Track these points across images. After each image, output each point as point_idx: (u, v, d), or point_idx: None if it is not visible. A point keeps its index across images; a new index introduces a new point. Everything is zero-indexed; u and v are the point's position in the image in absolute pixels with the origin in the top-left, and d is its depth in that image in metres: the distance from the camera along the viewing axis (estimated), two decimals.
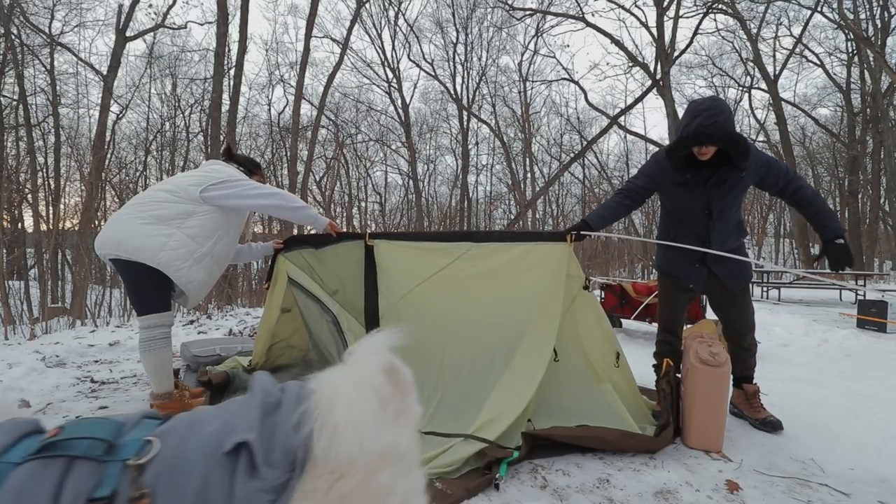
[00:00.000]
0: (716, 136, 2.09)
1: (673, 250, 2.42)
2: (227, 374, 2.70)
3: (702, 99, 2.21)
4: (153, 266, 2.18)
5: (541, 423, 2.14)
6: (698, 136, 2.11)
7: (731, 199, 2.28)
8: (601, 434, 2.00)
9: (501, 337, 2.35)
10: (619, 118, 17.67)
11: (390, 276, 2.58)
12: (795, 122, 20.26)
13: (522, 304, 2.33)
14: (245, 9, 11.69)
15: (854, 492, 1.72)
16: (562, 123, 21.93)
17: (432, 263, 2.51)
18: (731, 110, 2.16)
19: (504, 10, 16.95)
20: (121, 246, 2.17)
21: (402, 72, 19.93)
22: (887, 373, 3.55)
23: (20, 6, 11.17)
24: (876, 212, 17.99)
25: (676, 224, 2.46)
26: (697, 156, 2.20)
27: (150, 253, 2.17)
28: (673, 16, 14.39)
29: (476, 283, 2.44)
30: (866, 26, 14.65)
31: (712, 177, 2.24)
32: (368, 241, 2.62)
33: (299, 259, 2.74)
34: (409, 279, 2.54)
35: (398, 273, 2.57)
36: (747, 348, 2.44)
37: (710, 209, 2.30)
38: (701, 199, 2.30)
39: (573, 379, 2.30)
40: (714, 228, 2.32)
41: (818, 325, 5.31)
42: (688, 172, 2.25)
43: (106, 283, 7.53)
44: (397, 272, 2.57)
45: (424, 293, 2.51)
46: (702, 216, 2.33)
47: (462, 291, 2.45)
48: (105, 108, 11.36)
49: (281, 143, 16.14)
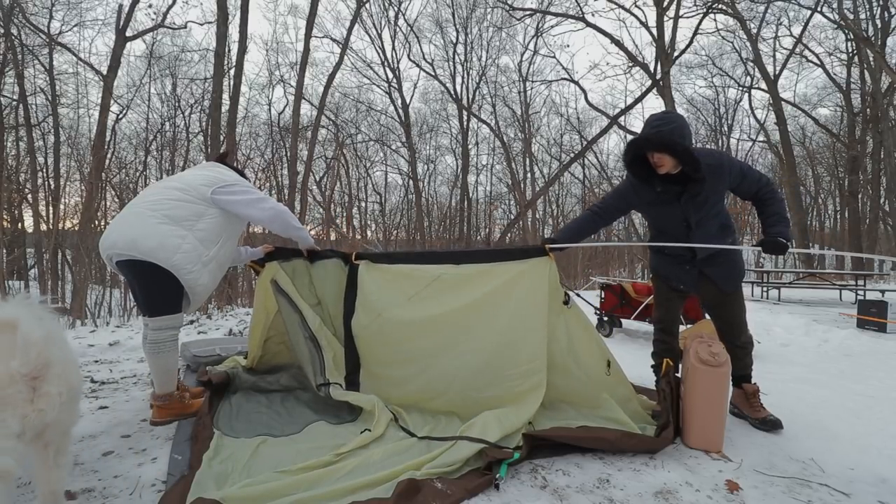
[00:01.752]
0: (653, 143, 2.17)
1: (663, 254, 2.49)
2: (226, 374, 2.71)
3: (658, 112, 2.31)
4: (167, 268, 2.14)
5: (541, 424, 2.14)
6: (639, 141, 2.23)
7: (707, 210, 2.31)
8: (602, 435, 2.00)
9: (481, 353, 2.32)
10: (619, 118, 17.68)
11: (368, 298, 2.59)
12: (795, 122, 20.27)
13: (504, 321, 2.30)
14: (245, 9, 11.69)
15: (854, 492, 1.72)
16: (562, 123, 21.95)
17: (411, 286, 2.51)
18: (686, 125, 2.21)
19: (504, 10, 16.95)
20: (135, 245, 2.10)
21: (402, 72, 19.95)
22: (887, 373, 3.55)
23: (20, 6, 11.16)
24: (876, 212, 17.97)
25: (659, 234, 2.52)
26: (656, 168, 2.24)
27: (166, 254, 2.13)
28: (673, 16, 14.39)
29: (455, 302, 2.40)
30: (866, 26, 14.64)
31: (684, 192, 2.27)
32: (354, 259, 2.68)
33: (290, 268, 2.79)
34: (387, 301, 2.54)
35: (377, 294, 2.58)
36: (742, 347, 2.45)
37: (689, 222, 2.34)
38: (677, 213, 2.34)
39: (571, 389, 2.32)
40: (695, 238, 2.35)
41: (818, 325, 5.30)
42: (658, 186, 2.30)
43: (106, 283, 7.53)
44: (376, 294, 2.58)
45: (402, 314, 2.49)
46: (682, 228, 2.37)
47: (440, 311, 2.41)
48: (105, 108, 11.36)
49: (281, 143, 16.12)
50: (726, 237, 2.40)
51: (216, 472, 1.70)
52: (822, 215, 24.79)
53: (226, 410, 2.35)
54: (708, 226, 2.34)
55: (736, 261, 2.44)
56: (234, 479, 1.68)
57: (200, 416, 2.20)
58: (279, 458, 1.87)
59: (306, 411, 2.39)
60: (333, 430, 2.18)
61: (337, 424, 2.24)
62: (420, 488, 1.60)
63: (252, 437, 2.06)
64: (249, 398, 2.52)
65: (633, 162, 2.32)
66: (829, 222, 25.10)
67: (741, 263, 2.47)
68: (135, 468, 1.80)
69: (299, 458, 1.87)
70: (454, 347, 2.35)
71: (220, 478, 1.68)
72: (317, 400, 2.51)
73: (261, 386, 2.67)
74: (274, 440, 2.05)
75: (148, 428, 2.21)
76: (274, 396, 2.58)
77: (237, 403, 2.44)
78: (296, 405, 2.47)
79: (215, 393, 2.54)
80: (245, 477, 1.70)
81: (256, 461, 1.84)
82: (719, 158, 2.27)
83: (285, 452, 1.93)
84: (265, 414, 2.34)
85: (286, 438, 2.08)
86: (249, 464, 1.81)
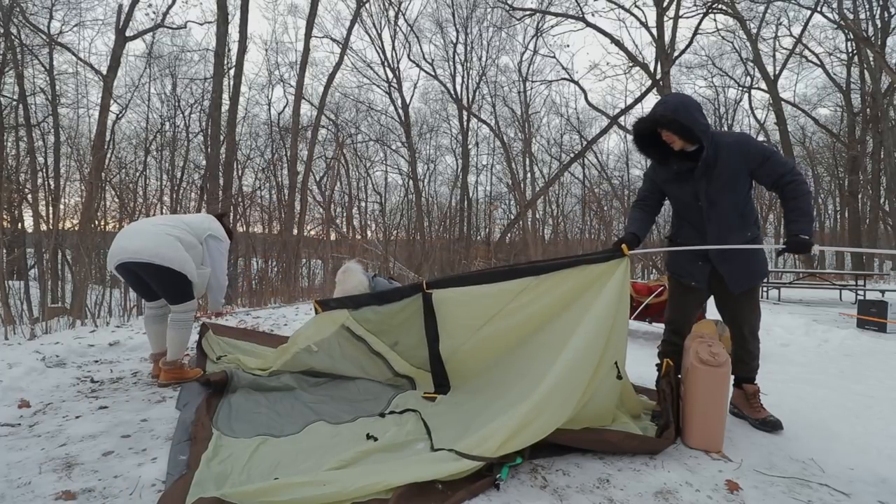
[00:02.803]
0: (648, 118, 2.26)
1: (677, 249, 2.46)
2: (225, 374, 2.71)
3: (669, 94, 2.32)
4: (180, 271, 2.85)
5: None
6: (644, 119, 2.30)
7: (719, 187, 2.26)
8: (605, 437, 2.00)
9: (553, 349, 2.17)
10: (619, 118, 17.70)
11: (450, 322, 2.62)
12: (795, 122, 20.29)
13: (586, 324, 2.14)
14: (245, 9, 11.70)
15: (854, 492, 1.72)
16: (562, 123, 21.94)
17: (493, 305, 2.49)
18: (686, 102, 2.21)
19: (504, 10, 16.98)
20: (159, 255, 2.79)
21: (402, 72, 19.94)
22: (887, 373, 3.55)
23: (20, 6, 11.16)
24: (876, 212, 17.99)
25: (679, 219, 2.50)
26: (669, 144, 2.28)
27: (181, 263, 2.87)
28: (673, 16, 14.41)
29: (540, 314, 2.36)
30: (866, 26, 14.64)
31: (698, 166, 2.26)
32: (426, 289, 2.71)
33: (360, 317, 2.90)
34: (472, 323, 2.55)
35: (459, 318, 2.60)
36: (749, 350, 2.42)
37: (700, 198, 2.32)
38: (691, 189, 2.33)
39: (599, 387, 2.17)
40: (710, 219, 2.32)
41: (818, 325, 5.30)
42: (674, 164, 2.32)
43: (106, 283, 7.51)
44: (458, 318, 2.60)
45: (488, 333, 2.49)
46: (695, 207, 2.36)
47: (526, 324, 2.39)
48: (105, 108, 11.38)
49: (281, 143, 16.12)
50: (746, 228, 2.32)
51: (215, 473, 1.70)
52: (822, 215, 24.77)
53: (225, 410, 2.35)
54: (722, 204, 2.28)
55: (749, 260, 2.33)
56: (234, 479, 1.68)
57: (199, 417, 2.19)
58: (279, 458, 1.87)
59: (306, 411, 2.39)
60: (334, 430, 2.18)
61: (336, 424, 2.24)
62: (420, 489, 1.60)
63: (251, 437, 2.05)
64: (248, 398, 2.52)
65: (646, 144, 2.35)
66: (829, 222, 25.12)
67: (756, 265, 2.36)
68: (135, 468, 1.79)
69: (300, 458, 1.86)
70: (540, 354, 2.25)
71: (220, 478, 1.67)
72: (316, 400, 2.50)
73: (261, 385, 2.67)
74: (274, 440, 2.04)
75: (148, 428, 2.21)
76: (273, 396, 2.58)
77: (236, 403, 2.44)
78: (295, 405, 2.47)
79: (214, 393, 2.54)
80: (245, 477, 1.69)
81: (256, 461, 1.83)
82: (742, 137, 2.26)
83: (285, 453, 1.92)
84: (265, 414, 2.33)
85: (286, 438, 2.07)
86: (249, 464, 1.80)
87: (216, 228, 3.20)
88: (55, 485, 1.65)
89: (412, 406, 2.42)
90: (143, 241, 2.79)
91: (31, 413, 2.38)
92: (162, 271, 2.80)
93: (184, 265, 2.85)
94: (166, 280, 2.86)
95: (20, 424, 2.22)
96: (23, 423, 2.23)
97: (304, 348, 2.92)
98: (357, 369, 2.87)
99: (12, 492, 1.60)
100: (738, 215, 2.31)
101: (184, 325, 2.96)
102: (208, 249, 3.09)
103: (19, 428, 2.18)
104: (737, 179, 2.25)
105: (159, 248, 2.78)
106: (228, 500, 1.48)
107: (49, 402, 2.55)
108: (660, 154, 2.35)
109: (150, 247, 2.77)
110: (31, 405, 2.47)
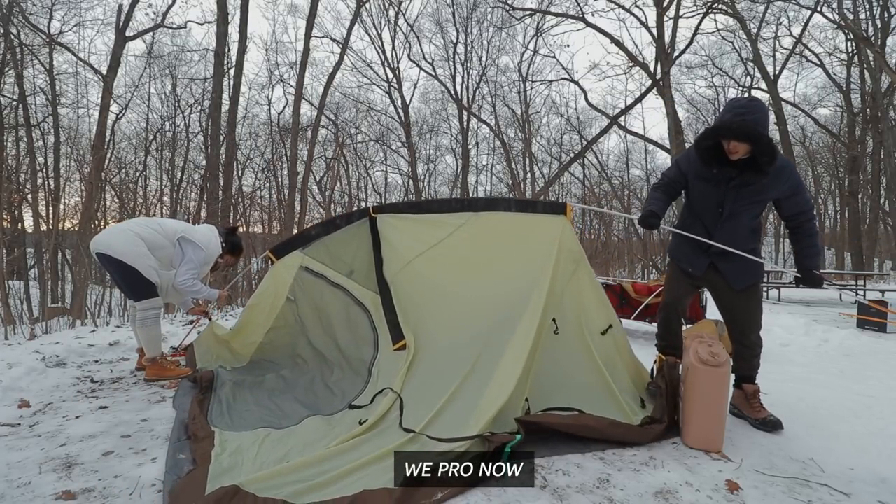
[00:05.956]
0: (736, 132, 2.12)
1: (682, 238, 2.49)
2: (213, 372, 2.79)
3: (741, 97, 2.31)
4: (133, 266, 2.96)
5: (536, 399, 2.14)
6: (720, 129, 2.17)
7: (745, 203, 2.30)
8: (587, 422, 2.02)
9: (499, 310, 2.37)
10: (619, 118, 17.68)
11: (392, 247, 2.77)
12: (795, 122, 20.29)
13: (520, 276, 2.36)
14: (245, 8, 11.69)
15: (854, 492, 1.72)
16: (562, 123, 21.95)
17: (431, 235, 2.64)
18: (767, 113, 2.19)
19: (504, 10, 16.94)
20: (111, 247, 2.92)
21: (402, 72, 19.93)
22: (887, 373, 3.55)
23: (20, 6, 11.15)
24: (876, 212, 17.99)
25: (692, 215, 2.51)
26: (728, 153, 2.21)
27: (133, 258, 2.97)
28: (673, 16, 14.38)
29: (474, 254, 2.53)
30: (866, 26, 14.63)
31: (736, 178, 2.26)
32: (372, 213, 2.86)
33: (314, 252, 3.01)
34: (410, 250, 2.70)
35: (399, 243, 2.74)
36: (750, 347, 2.43)
37: (723, 208, 2.33)
38: (718, 196, 2.34)
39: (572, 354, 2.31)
40: (723, 228, 2.35)
41: (818, 325, 5.30)
42: (715, 168, 2.28)
43: (106, 283, 7.52)
44: (398, 243, 2.75)
45: (424, 264, 2.64)
46: (714, 213, 2.37)
47: (461, 262, 2.56)
48: (105, 108, 11.36)
49: (281, 143, 16.10)
50: (751, 242, 2.39)
51: (227, 466, 1.74)
52: (822, 215, 24.80)
53: (217, 408, 2.38)
54: (740, 218, 2.33)
55: (749, 261, 2.38)
56: (248, 469, 1.73)
57: (194, 416, 2.21)
58: (287, 448, 1.92)
59: (297, 406, 2.43)
60: (330, 420, 2.26)
61: (331, 415, 2.32)
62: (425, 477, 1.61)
63: (253, 429, 2.10)
64: (237, 394, 2.57)
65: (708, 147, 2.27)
66: (829, 222, 25.13)
67: (756, 264, 2.41)
68: (135, 468, 1.79)
69: (307, 449, 1.91)
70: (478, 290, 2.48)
71: (234, 470, 1.72)
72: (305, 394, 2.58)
73: (245, 382, 2.72)
74: (277, 432, 2.09)
75: (148, 428, 2.21)
76: (259, 392, 2.62)
77: (226, 400, 2.47)
78: (284, 402, 2.51)
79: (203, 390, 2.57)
80: (257, 469, 1.74)
81: (265, 452, 1.88)
82: (786, 162, 2.25)
83: (291, 443, 1.98)
84: (256, 411, 2.37)
85: (287, 430, 2.12)
86: (259, 456, 1.85)
87: (193, 231, 3.21)
88: (55, 485, 1.65)
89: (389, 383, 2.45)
90: (106, 236, 3.00)
91: (31, 413, 2.38)
92: (113, 263, 2.94)
93: (136, 260, 2.94)
94: (120, 273, 2.98)
95: (20, 424, 2.22)
96: (23, 423, 2.23)
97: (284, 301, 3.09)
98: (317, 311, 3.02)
99: (12, 492, 1.60)
100: (750, 230, 2.39)
101: (147, 322, 3.04)
102: (180, 251, 3.14)
103: (19, 428, 2.18)
104: (764, 200, 2.33)
105: (113, 242, 2.94)
106: (246, 488, 1.52)
107: (49, 402, 2.55)
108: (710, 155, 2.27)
109: (107, 240, 2.96)
110: (31, 405, 2.47)
